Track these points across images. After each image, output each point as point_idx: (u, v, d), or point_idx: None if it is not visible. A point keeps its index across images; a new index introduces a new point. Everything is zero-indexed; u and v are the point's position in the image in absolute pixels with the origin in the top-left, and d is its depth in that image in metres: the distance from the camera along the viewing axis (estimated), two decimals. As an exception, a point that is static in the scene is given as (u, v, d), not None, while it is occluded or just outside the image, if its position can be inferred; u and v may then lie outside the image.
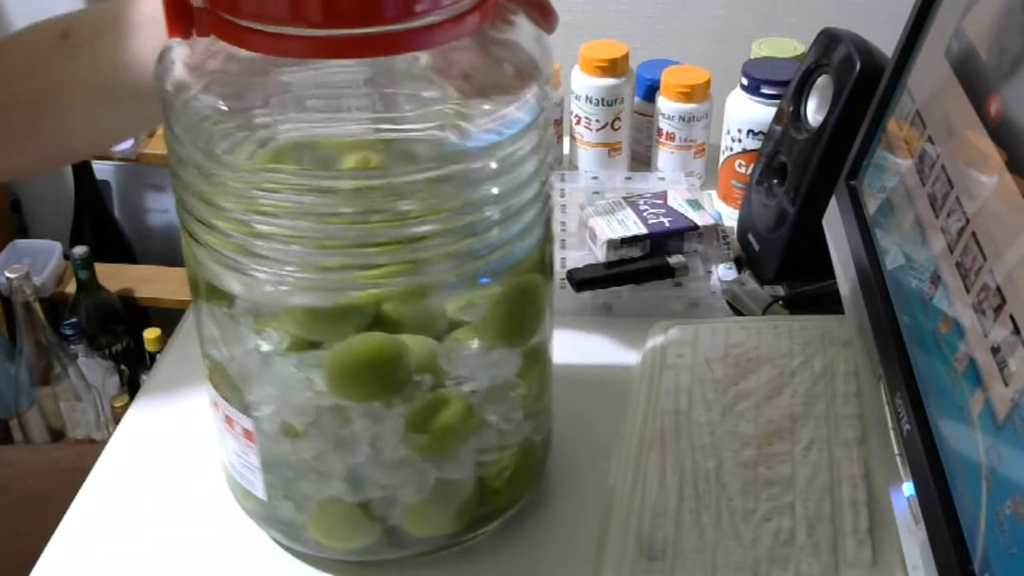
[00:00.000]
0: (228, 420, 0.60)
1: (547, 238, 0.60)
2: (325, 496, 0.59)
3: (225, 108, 0.51)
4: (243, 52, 0.50)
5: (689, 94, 0.94)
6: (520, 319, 0.59)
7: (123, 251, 1.89)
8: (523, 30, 0.56)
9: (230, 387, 0.58)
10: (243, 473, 0.61)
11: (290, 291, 0.54)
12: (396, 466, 0.58)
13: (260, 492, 0.61)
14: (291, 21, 0.48)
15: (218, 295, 0.56)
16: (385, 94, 0.51)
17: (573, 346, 0.81)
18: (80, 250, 1.65)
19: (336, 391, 0.55)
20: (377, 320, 0.55)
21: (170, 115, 0.53)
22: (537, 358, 0.62)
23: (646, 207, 0.86)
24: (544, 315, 0.61)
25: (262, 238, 0.52)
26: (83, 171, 1.81)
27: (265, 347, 0.56)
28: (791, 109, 0.84)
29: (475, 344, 0.58)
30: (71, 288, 1.73)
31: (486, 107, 0.52)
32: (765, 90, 0.89)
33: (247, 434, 0.59)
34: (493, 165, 0.52)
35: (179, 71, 0.52)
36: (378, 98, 0.51)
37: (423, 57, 0.51)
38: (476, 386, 0.58)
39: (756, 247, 0.87)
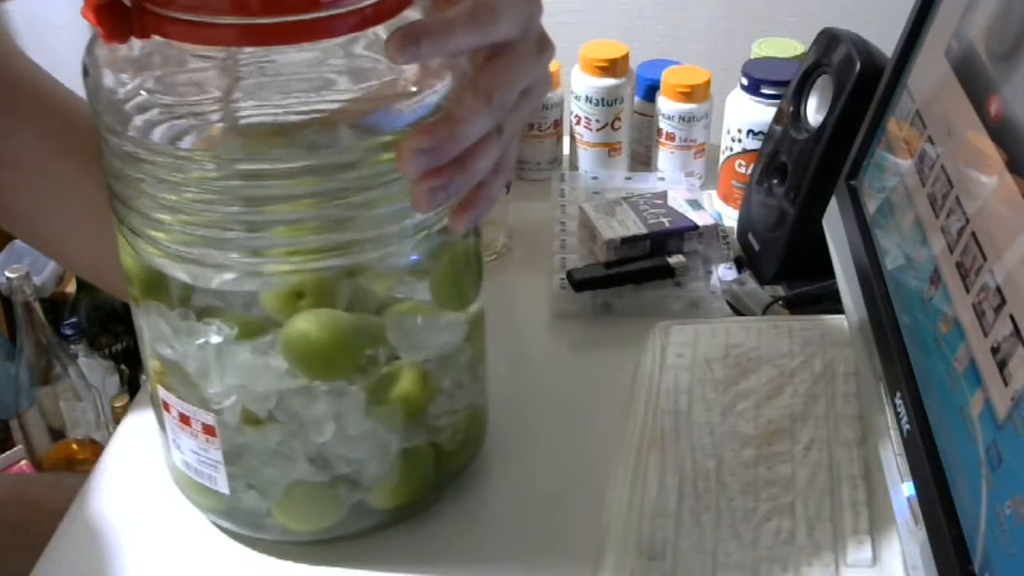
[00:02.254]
0: (183, 419, 0.60)
1: None
2: (291, 480, 0.60)
3: (155, 98, 0.51)
4: (172, 42, 0.50)
5: (689, 94, 0.94)
6: (457, 288, 0.62)
7: (123, 251, 1.88)
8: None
9: (186, 384, 0.59)
10: (202, 471, 0.61)
11: (233, 278, 0.55)
12: (361, 440, 0.59)
13: (222, 486, 0.61)
14: (230, 11, 0.48)
15: (160, 291, 0.57)
16: (315, 77, 0.52)
17: (573, 346, 0.81)
18: (80, 250, 1.64)
19: (306, 372, 0.57)
20: (314, 302, 0.56)
21: (98, 105, 0.53)
22: (478, 323, 0.64)
23: (646, 207, 0.86)
24: (479, 278, 0.63)
25: (198, 225, 0.53)
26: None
27: (216, 338, 0.56)
28: (791, 109, 0.84)
29: (420, 317, 0.59)
30: (71, 288, 1.73)
31: (411, 89, 0.52)
32: (765, 90, 0.89)
33: (207, 429, 0.59)
34: None
35: (106, 63, 0.53)
36: (308, 81, 0.52)
37: (357, 40, 0.51)
38: (428, 354, 0.60)
39: (756, 247, 0.87)
